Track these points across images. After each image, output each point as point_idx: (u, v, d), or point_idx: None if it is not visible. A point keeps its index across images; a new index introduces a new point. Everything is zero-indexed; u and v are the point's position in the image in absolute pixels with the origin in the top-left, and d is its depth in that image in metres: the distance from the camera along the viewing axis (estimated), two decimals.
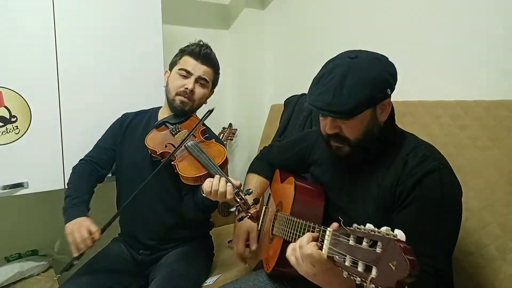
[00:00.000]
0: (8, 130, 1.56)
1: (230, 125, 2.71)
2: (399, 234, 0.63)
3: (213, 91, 1.67)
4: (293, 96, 2.17)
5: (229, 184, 1.22)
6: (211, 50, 1.59)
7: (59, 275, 1.33)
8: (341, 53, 1.04)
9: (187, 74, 1.52)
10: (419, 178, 0.95)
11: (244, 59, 2.63)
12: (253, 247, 1.37)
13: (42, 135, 1.65)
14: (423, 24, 1.58)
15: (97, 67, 1.77)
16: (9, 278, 1.64)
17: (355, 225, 0.71)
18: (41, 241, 1.94)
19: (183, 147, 1.40)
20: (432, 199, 0.93)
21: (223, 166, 1.35)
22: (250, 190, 1.24)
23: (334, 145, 1.06)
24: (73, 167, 1.61)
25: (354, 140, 1.02)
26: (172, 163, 1.38)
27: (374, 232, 0.64)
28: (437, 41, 1.53)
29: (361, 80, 0.93)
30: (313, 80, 1.03)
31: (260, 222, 1.43)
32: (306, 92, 2.14)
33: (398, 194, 0.98)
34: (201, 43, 1.60)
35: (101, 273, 1.44)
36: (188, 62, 1.53)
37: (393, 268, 0.58)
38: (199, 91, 1.55)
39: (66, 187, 1.70)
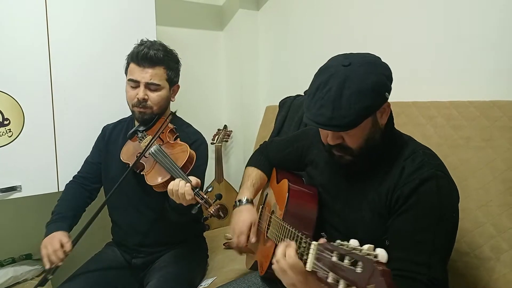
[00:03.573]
0: (1, 133, 1.55)
1: (225, 126, 2.71)
2: (380, 254, 0.63)
3: (178, 85, 1.58)
4: (287, 97, 2.17)
5: (187, 185, 1.19)
6: (153, 46, 1.46)
7: None
8: (333, 59, 1.01)
9: (135, 83, 1.45)
10: (416, 185, 0.93)
11: (239, 61, 2.62)
12: (253, 240, 1.28)
13: (35, 138, 1.64)
14: (416, 25, 1.59)
15: (91, 70, 1.76)
16: (3, 283, 1.63)
17: (338, 241, 0.71)
18: (35, 245, 1.91)
19: (148, 155, 1.36)
20: (428, 207, 0.92)
21: (188, 166, 1.31)
22: (211, 188, 1.23)
23: (337, 154, 1.03)
24: (66, 185, 1.63)
25: (356, 149, 1.00)
26: (141, 173, 1.36)
27: (356, 251, 0.65)
28: (430, 41, 1.54)
29: (359, 90, 0.90)
30: (308, 93, 0.99)
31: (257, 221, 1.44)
32: (301, 93, 2.16)
33: (394, 201, 0.97)
34: (142, 42, 1.51)
35: (95, 277, 1.44)
36: (133, 70, 1.45)
37: None
38: (153, 96, 1.46)
39: (59, 190, 1.69)
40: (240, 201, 1.33)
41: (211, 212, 1.17)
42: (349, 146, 1.00)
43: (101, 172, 1.63)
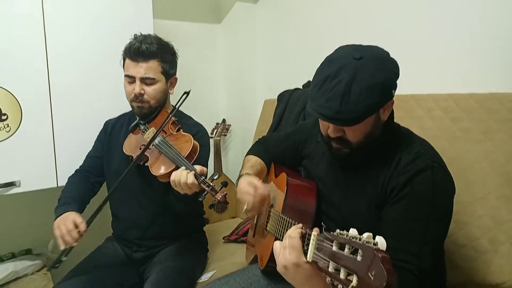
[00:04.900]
0: None
1: (224, 120, 2.70)
2: (380, 242, 0.63)
3: (175, 77, 1.57)
4: (286, 90, 2.16)
5: (190, 173, 1.20)
6: (146, 40, 1.46)
7: (47, 271, 1.28)
8: (342, 49, 0.99)
9: (131, 79, 1.46)
10: (411, 176, 0.94)
11: (237, 54, 2.61)
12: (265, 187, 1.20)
13: (33, 133, 1.63)
14: (415, 18, 1.58)
15: (88, 64, 1.75)
16: (3, 278, 1.63)
17: (338, 230, 0.71)
18: (35, 240, 1.93)
19: (153, 146, 1.38)
20: (422, 197, 0.93)
21: (192, 156, 1.33)
22: (217, 176, 1.23)
23: (335, 146, 1.03)
24: (68, 177, 1.62)
25: (356, 143, 1.00)
26: (145, 164, 1.37)
27: (356, 239, 0.65)
28: (429, 34, 1.53)
29: (369, 86, 0.89)
30: (314, 82, 0.97)
31: (256, 216, 1.44)
32: (299, 87, 2.14)
33: (389, 191, 0.97)
34: (135, 36, 1.51)
35: (95, 271, 1.44)
36: (128, 66, 1.46)
37: (372, 277, 0.59)
38: (149, 90, 1.46)
39: (58, 185, 1.69)
40: (238, 179, 1.31)
41: (218, 198, 1.17)
42: (349, 140, 1.00)
43: (103, 166, 1.63)
